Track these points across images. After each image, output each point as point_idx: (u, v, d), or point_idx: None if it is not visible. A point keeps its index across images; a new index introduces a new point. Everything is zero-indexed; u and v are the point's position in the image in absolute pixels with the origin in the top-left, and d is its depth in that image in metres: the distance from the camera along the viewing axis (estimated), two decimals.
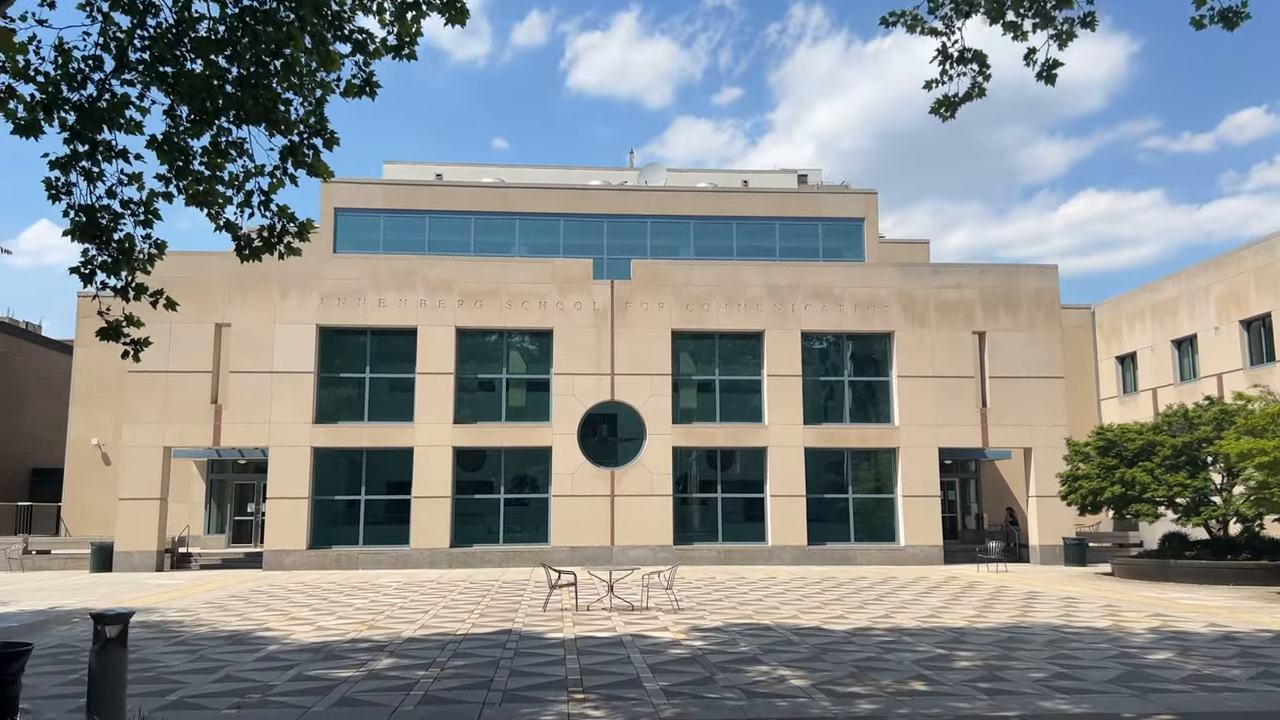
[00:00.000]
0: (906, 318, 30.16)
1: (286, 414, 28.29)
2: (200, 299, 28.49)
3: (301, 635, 13.82)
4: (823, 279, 30.33)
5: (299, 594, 20.21)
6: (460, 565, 28.16)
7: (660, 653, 12.08)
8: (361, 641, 13.19)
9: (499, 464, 29.54)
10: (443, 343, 29.12)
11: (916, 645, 12.74)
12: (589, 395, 29.32)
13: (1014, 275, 30.94)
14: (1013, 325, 30.42)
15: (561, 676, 10.51)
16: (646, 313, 29.68)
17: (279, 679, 10.43)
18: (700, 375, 30.59)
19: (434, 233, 34.55)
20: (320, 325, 28.86)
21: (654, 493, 28.95)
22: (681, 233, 35.15)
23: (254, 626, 14.79)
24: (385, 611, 16.74)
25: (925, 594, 19.91)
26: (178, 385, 28.09)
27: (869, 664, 11.27)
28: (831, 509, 30.20)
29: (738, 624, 14.94)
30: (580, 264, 30.13)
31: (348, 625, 14.91)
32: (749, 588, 21.33)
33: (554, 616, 15.89)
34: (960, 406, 29.82)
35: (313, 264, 29.23)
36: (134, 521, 27.53)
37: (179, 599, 19.26)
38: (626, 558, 28.53)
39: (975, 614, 16.32)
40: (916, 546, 29.23)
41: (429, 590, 20.89)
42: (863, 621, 15.33)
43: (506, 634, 13.84)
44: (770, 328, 29.87)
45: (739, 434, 29.66)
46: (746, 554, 29.01)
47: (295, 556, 27.81)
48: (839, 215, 35.61)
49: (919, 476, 29.51)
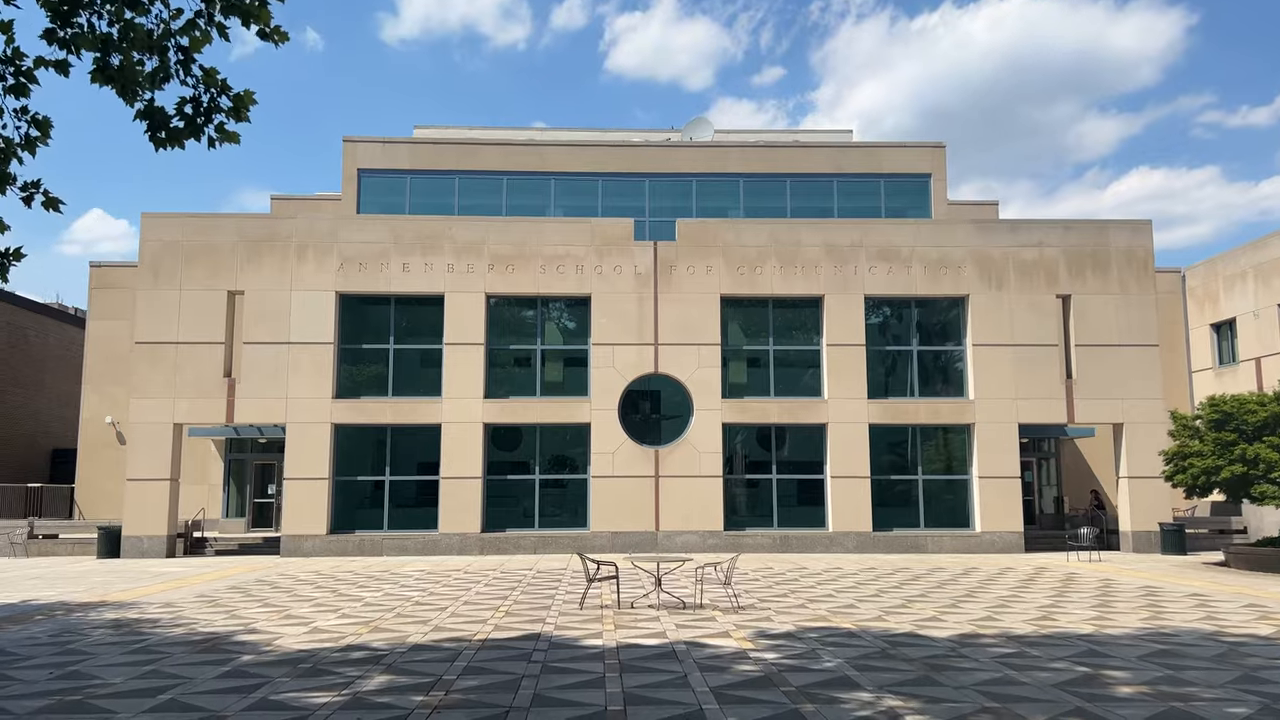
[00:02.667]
0: (982, 280, 27.21)
1: (304, 388, 26.13)
2: (210, 263, 26.42)
3: (289, 640, 11.50)
4: (888, 237, 27.45)
5: (307, 585, 17.99)
6: (492, 551, 25.88)
7: (725, 670, 9.55)
8: (357, 649, 10.83)
9: (534, 442, 27.17)
10: (472, 311, 26.74)
11: (1047, 661, 10.08)
12: (630, 367, 26.80)
13: (1102, 232, 27.81)
14: (1101, 287, 27.33)
15: (600, 707, 8.03)
16: (693, 277, 27.04)
17: (234, 706, 8.06)
18: (752, 345, 27.92)
19: (464, 195, 32.20)
20: (340, 292, 26.61)
21: (702, 473, 26.40)
22: (730, 192, 32.42)
23: (238, 628, 12.51)
24: (397, 608, 14.41)
25: (1021, 589, 17.18)
26: (188, 357, 26.04)
27: (1000, 690, 8.65)
28: (898, 492, 27.43)
29: (813, 628, 12.37)
30: (620, 223, 27.55)
31: (348, 626, 12.58)
32: (814, 580, 18.74)
33: (592, 616, 13.45)
34: (1042, 378, 26.84)
35: (330, 225, 27.02)
36: (143, 504, 25.57)
37: (172, 590, 17.12)
38: (672, 544, 26.07)
39: (1096, 615, 13.59)
40: (994, 533, 26.38)
41: (453, 581, 18.56)
42: (963, 625, 12.68)
43: (534, 640, 11.40)
44: (830, 292, 27.09)
45: (795, 409, 26.97)
46: (804, 541, 26.38)
47: (314, 542, 25.70)
48: (902, 171, 32.63)
49: (996, 455, 26.62)
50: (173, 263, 26.41)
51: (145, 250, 26.51)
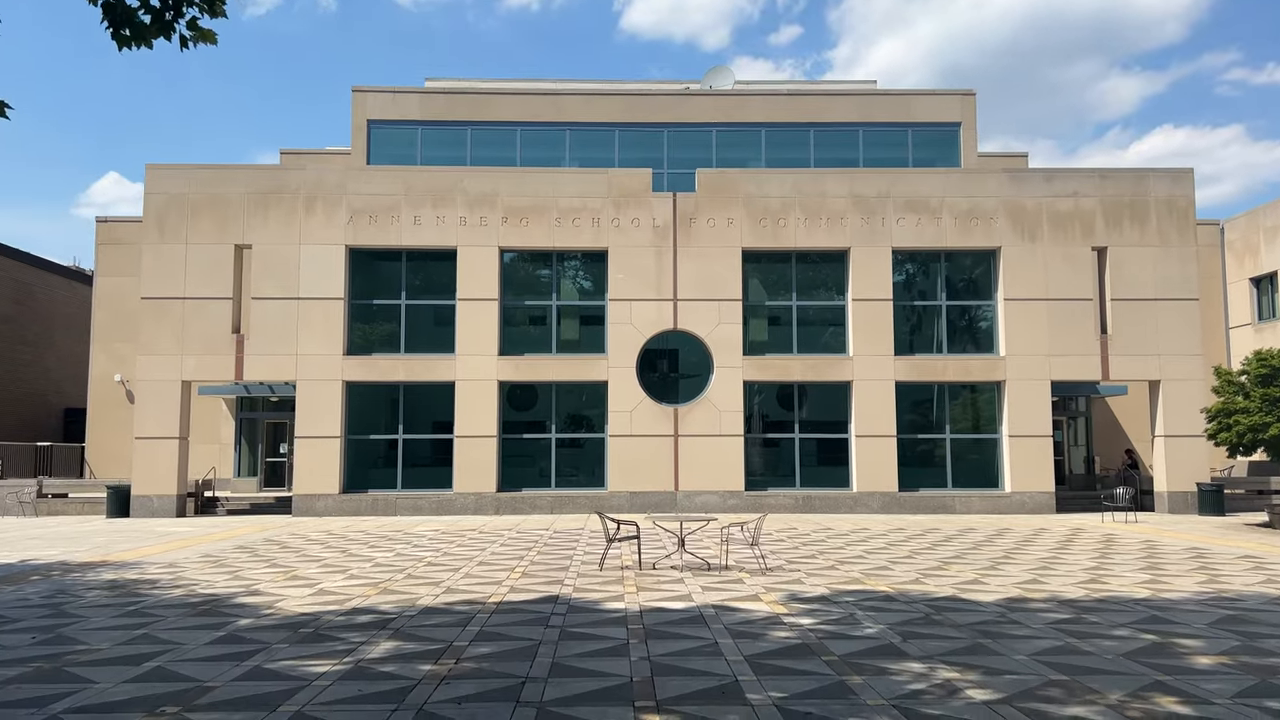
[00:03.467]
0: (1015, 231, 26.12)
1: (315, 345, 25.43)
2: (218, 216, 25.64)
3: (292, 602, 10.84)
4: (917, 187, 26.35)
5: (317, 545, 17.38)
6: (508, 511, 25.26)
7: (759, 637, 8.81)
8: (363, 613, 10.15)
9: (549, 400, 26.43)
10: (485, 265, 25.90)
11: (1108, 628, 9.29)
12: (648, 324, 25.95)
13: (1141, 181, 26.61)
14: (1139, 239, 26.20)
15: (624, 678, 7.30)
16: (714, 229, 26.07)
17: (224, 675, 7.38)
18: (775, 301, 26.99)
19: (476, 147, 31.23)
20: (350, 246, 25.80)
21: (722, 432, 25.62)
22: (752, 143, 31.31)
23: (239, 589, 11.87)
24: (408, 569, 13.75)
25: (1061, 550, 16.38)
26: (195, 313, 25.35)
27: (1064, 660, 7.87)
28: (925, 451, 26.60)
29: (848, 591, 11.61)
30: (638, 174, 26.54)
31: (356, 588, 11.92)
32: (841, 540, 17.99)
33: (612, 578, 12.74)
34: (1076, 333, 25.83)
35: (339, 176, 26.14)
36: (151, 463, 25.04)
37: (177, 550, 16.54)
38: (692, 504, 25.38)
39: (1149, 579, 12.78)
40: (1024, 493, 25.54)
41: (467, 541, 17.92)
42: (1008, 588, 11.90)
43: (551, 603, 10.70)
44: (856, 245, 26.08)
45: (819, 366, 26.10)
46: (828, 501, 25.64)
47: (327, 501, 25.15)
48: (931, 120, 31.41)
49: (1028, 413, 25.71)
50: (179, 216, 25.65)
51: (150, 204, 25.75)
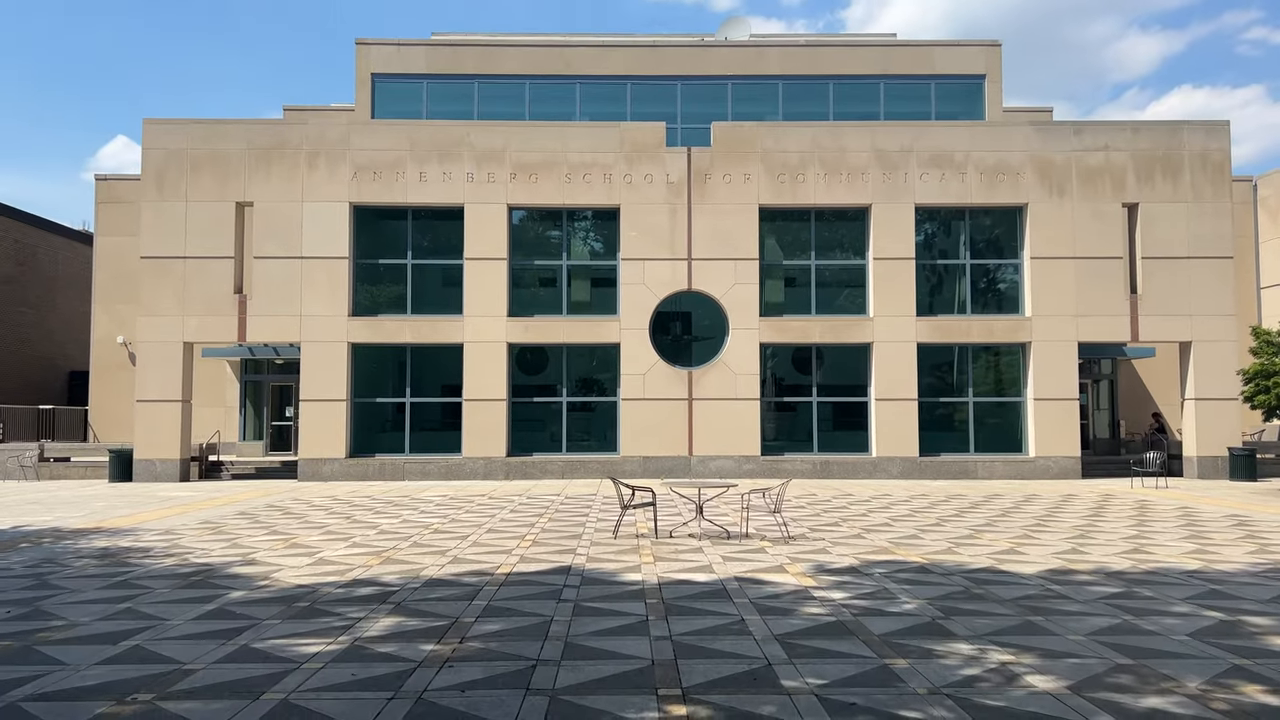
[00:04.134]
0: (1042, 187, 25.15)
1: (319, 305, 24.76)
2: (218, 173, 24.88)
3: (289, 573, 10.23)
4: (942, 142, 25.35)
5: (320, 511, 16.80)
6: (518, 476, 24.69)
7: (789, 614, 8.15)
8: (364, 584, 9.53)
9: (560, 364, 25.73)
10: (493, 223, 25.10)
11: (1166, 604, 8.60)
12: (662, 284, 25.16)
13: (1175, 134, 25.54)
14: (1172, 194, 25.20)
15: (644, 660, 6.65)
16: (730, 185, 25.19)
17: (207, 656, 6.76)
18: (792, 260, 26.14)
19: (483, 102, 30.31)
20: (354, 203, 25.02)
21: (738, 396, 24.92)
22: (768, 97, 30.28)
23: (236, 558, 11.27)
24: (414, 536, 13.14)
25: (1094, 517, 15.67)
26: (196, 272, 24.67)
27: (1127, 641, 7.18)
28: (946, 414, 25.85)
29: (879, 562, 10.94)
30: (651, 128, 25.60)
31: (358, 557, 11.31)
32: (864, 507, 17.33)
33: (627, 546, 12.10)
34: (1105, 293, 24.94)
35: (343, 131, 25.30)
36: (154, 426, 24.50)
37: (176, 516, 15.98)
38: (706, 470, 24.74)
39: (1195, 549, 12.07)
40: (1049, 458, 24.80)
41: (476, 507, 17.32)
42: (1047, 559, 11.21)
43: (564, 574, 10.06)
44: (878, 201, 25.16)
45: (838, 328, 25.30)
46: (846, 466, 24.97)
47: (333, 466, 24.60)
48: (954, 73, 30.31)
49: (1054, 376, 24.90)
50: (178, 173, 24.89)
51: (149, 160, 24.99)
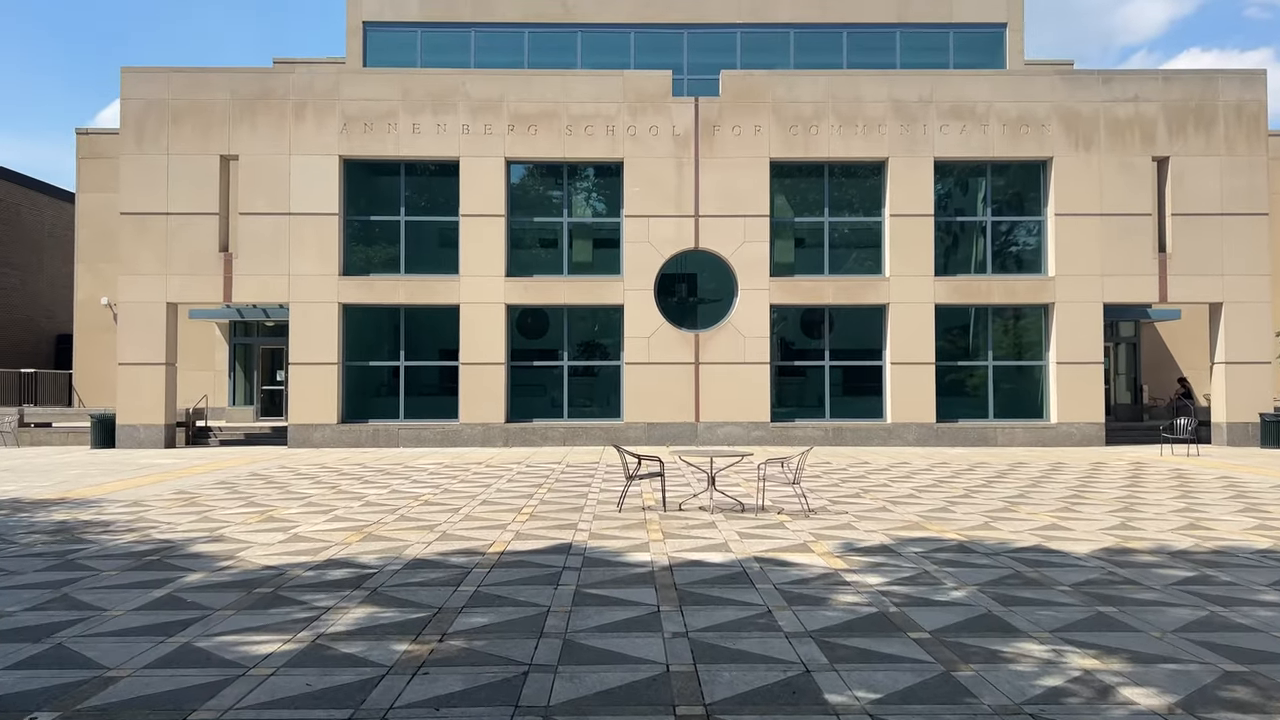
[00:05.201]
0: (1068, 139, 23.86)
1: (308, 264, 23.61)
2: (200, 124, 23.63)
3: (257, 551, 9.19)
4: (963, 91, 24.02)
5: (305, 480, 15.78)
6: (517, 443, 23.67)
7: (822, 603, 7.09)
8: (337, 566, 8.49)
9: (561, 326, 24.60)
10: (490, 178, 23.87)
11: (1251, 591, 7.53)
12: (668, 242, 23.97)
13: (1209, 84, 24.19)
14: (1204, 148, 23.91)
15: (659, 665, 5.59)
16: (739, 138, 23.91)
17: (138, 659, 5.70)
18: (805, 218, 24.93)
19: (480, 53, 28.90)
20: (344, 157, 23.79)
21: (747, 360, 23.82)
22: (779, 46, 28.86)
23: (201, 535, 10.24)
24: (401, 509, 12.11)
25: (1133, 488, 14.61)
26: (180, 229, 23.50)
27: (1223, 640, 6.12)
28: (964, 379, 24.76)
29: (912, 540, 9.89)
30: (656, 76, 24.28)
31: (336, 533, 10.27)
32: (884, 477, 16.28)
33: (633, 521, 11.05)
34: (1133, 251, 23.74)
35: (332, 80, 24.00)
36: (136, 390, 23.45)
37: (150, 486, 14.96)
38: (713, 436, 23.71)
39: (1255, 523, 11.01)
40: (1071, 424, 23.74)
41: (471, 476, 16.29)
42: (1096, 535, 10.15)
43: (564, 554, 9.02)
44: (895, 155, 23.89)
45: (852, 289, 24.14)
46: (860, 433, 23.92)
47: (324, 432, 23.58)
48: (974, 21, 28.85)
49: (1078, 339, 23.77)
50: (158, 124, 23.64)
51: (128, 110, 23.73)
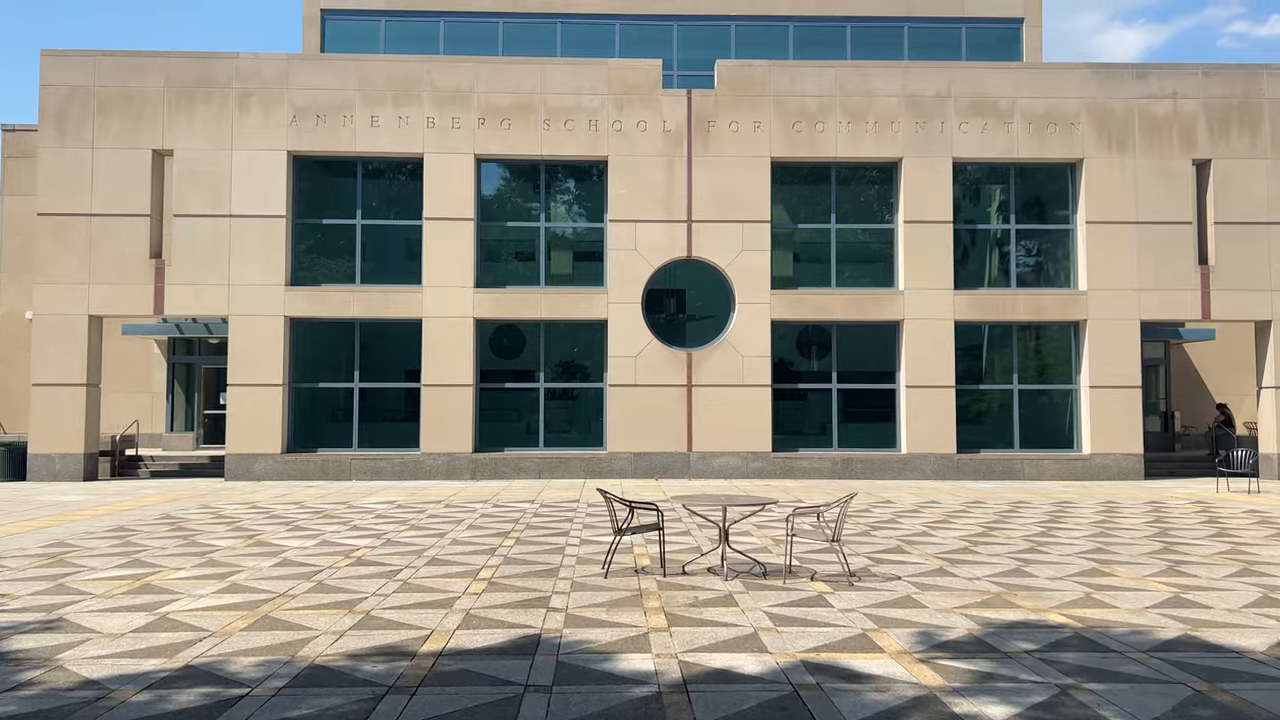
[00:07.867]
0: (1100, 139, 21.56)
1: (251, 273, 20.88)
2: (131, 114, 20.93)
3: (90, 651, 6.44)
4: (983, 85, 21.69)
5: (221, 525, 12.98)
6: (486, 475, 20.93)
7: None
8: (189, 682, 5.75)
9: (537, 344, 21.96)
10: (458, 177, 21.27)
11: None
12: (657, 251, 21.42)
13: (1253, 79, 21.99)
14: (1249, 149, 21.67)
15: None
16: (737, 135, 21.45)
17: None
18: (809, 224, 22.45)
19: (450, 45, 26.46)
20: (293, 152, 21.14)
21: (745, 382, 21.24)
22: (777, 41, 26.53)
23: (35, 617, 7.47)
24: (322, 573, 9.36)
25: (1225, 537, 12.06)
26: (105, 232, 20.73)
27: None
28: (987, 405, 22.27)
29: (1008, 627, 7.24)
30: (644, 65, 21.81)
31: (217, 615, 7.53)
32: (920, 521, 13.66)
33: (624, 593, 8.37)
34: (1172, 263, 21.40)
35: (280, 65, 21.37)
36: (52, 415, 20.55)
37: (24, 534, 12.10)
38: (708, 468, 21.06)
39: None
40: (1106, 455, 21.26)
41: (424, 521, 13.55)
42: (1250, 617, 7.56)
43: (528, 656, 6.32)
44: (910, 155, 21.49)
45: (863, 303, 21.65)
46: (872, 465, 21.35)
47: (266, 463, 20.75)
48: (988, 15, 26.65)
49: (1112, 359, 21.36)
50: (82, 114, 20.92)
51: (47, 98, 21.00)
